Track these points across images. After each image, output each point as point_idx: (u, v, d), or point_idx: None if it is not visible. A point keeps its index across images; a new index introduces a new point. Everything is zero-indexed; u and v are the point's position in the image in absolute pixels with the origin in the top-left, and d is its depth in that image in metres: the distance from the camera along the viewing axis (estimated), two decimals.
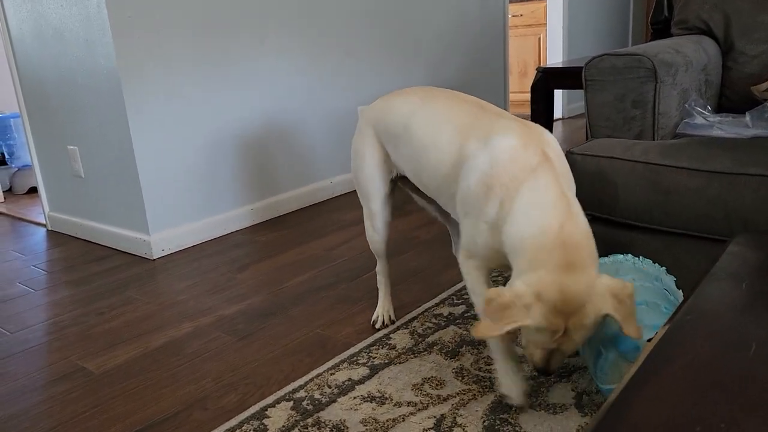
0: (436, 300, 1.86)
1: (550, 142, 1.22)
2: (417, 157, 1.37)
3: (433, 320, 1.74)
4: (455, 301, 1.84)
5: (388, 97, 1.52)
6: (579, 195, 1.46)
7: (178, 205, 2.51)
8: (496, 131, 1.21)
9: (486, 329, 1.06)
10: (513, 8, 5.12)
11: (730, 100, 1.74)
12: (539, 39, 5.09)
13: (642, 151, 1.38)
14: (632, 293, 1.05)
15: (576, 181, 1.45)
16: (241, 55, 2.65)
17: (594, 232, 1.49)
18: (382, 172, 1.56)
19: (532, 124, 1.25)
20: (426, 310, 1.80)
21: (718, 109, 1.75)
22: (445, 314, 1.77)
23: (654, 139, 1.50)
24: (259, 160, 2.79)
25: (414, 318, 1.75)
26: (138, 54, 2.31)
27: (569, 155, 1.47)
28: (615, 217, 1.43)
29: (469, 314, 1.75)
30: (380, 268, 1.73)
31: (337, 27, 3.06)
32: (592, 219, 1.51)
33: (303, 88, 2.94)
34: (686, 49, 1.60)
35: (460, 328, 1.68)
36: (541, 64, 5.09)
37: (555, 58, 4.91)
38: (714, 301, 0.68)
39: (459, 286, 1.93)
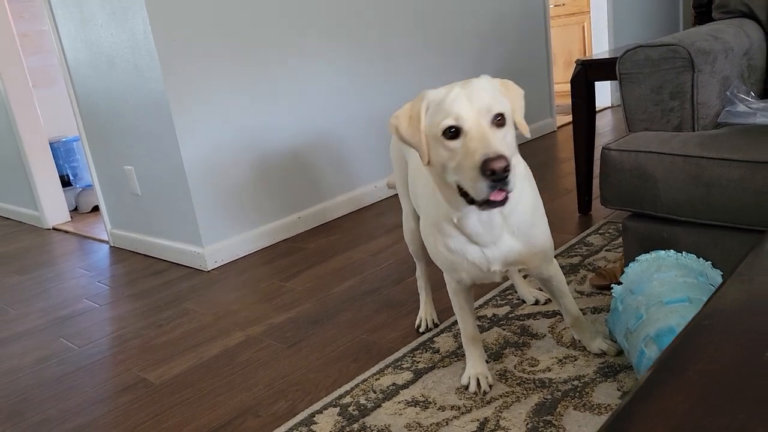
0: (481, 301, 1.86)
1: None
2: (412, 180, 1.43)
3: (478, 322, 1.74)
4: (499, 302, 1.84)
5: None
6: (618, 191, 1.44)
7: (228, 217, 2.59)
8: None
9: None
10: None
11: None
12: (583, 27, 4.98)
13: (681, 143, 1.35)
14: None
15: (614, 177, 1.45)
16: (281, 67, 2.71)
17: (635, 229, 1.47)
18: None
19: None
20: None
21: (764, 95, 1.68)
22: (489, 315, 1.77)
23: (694, 130, 1.46)
24: (304, 169, 2.85)
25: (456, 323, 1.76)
26: (184, 76, 2.40)
27: (605, 151, 1.45)
28: (657, 213, 1.41)
29: (512, 315, 1.75)
30: (419, 272, 1.75)
31: (375, 32, 3.09)
32: (633, 215, 1.49)
33: (344, 95, 2.98)
34: (726, 34, 1.55)
35: (503, 329, 1.68)
36: (587, 53, 4.99)
37: (601, 47, 4.79)
38: (736, 304, 0.67)
39: (504, 286, 1.92)
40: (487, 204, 1.06)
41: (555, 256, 2.09)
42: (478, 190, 1.03)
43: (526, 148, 3.90)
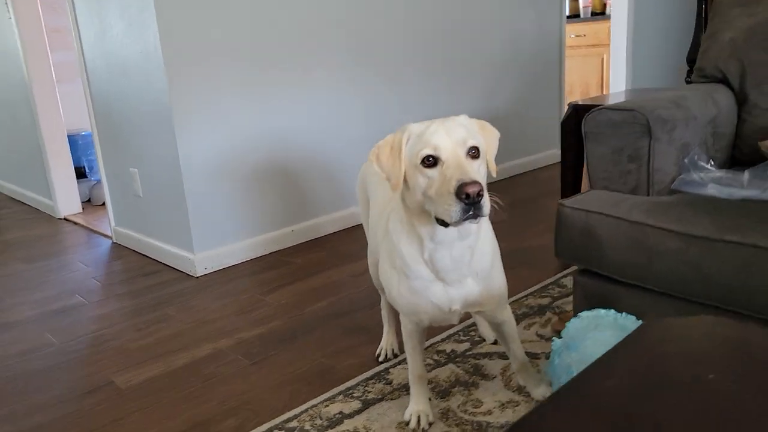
0: (444, 335, 1.91)
1: None
2: (373, 224, 1.49)
3: (435, 356, 1.79)
4: (461, 337, 1.89)
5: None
6: (569, 246, 1.49)
7: (221, 226, 2.68)
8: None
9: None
10: (576, 28, 5.05)
11: (743, 152, 1.69)
12: (602, 60, 4.99)
13: (628, 208, 1.39)
14: None
15: (565, 233, 1.49)
16: (285, 84, 2.80)
17: (584, 284, 1.52)
18: None
19: None
20: (431, 345, 1.86)
21: (731, 162, 1.71)
22: (447, 351, 1.82)
23: (649, 194, 1.50)
24: (301, 185, 2.93)
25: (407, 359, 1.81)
26: (188, 87, 2.50)
27: (560, 206, 1.49)
28: (602, 272, 1.45)
29: (470, 352, 1.79)
30: (383, 302, 1.81)
31: (382, 54, 3.16)
32: (583, 270, 1.53)
33: (345, 116, 3.06)
34: (691, 102, 1.58)
35: (458, 366, 1.73)
36: (603, 86, 4.99)
37: (618, 80, 4.79)
38: (596, 386, 0.72)
39: (469, 322, 1.97)
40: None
41: (527, 295, 2.15)
42: (452, 214, 1.09)
43: (529, 177, 3.94)
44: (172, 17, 2.42)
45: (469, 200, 1.07)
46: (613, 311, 1.39)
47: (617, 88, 4.77)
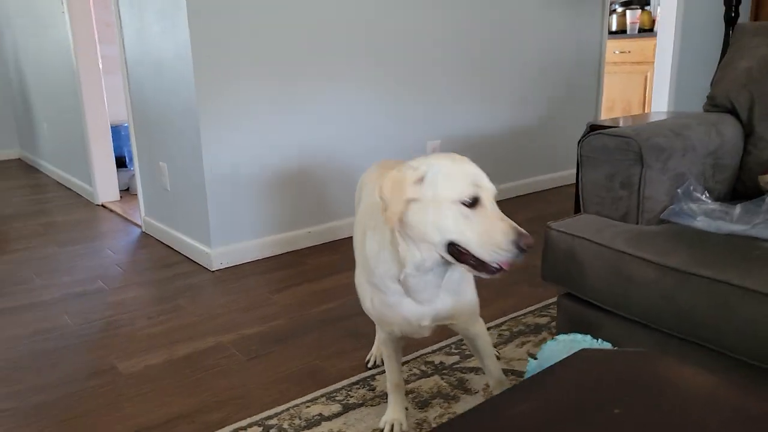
0: (435, 347, 1.93)
1: None
2: (356, 228, 1.52)
3: (422, 367, 1.82)
4: (452, 350, 1.91)
5: (376, 165, 1.64)
6: (554, 268, 1.50)
7: (239, 223, 2.77)
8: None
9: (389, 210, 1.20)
10: (622, 44, 4.97)
11: (746, 185, 1.65)
12: (646, 77, 4.89)
13: (611, 235, 1.39)
14: None
15: (551, 255, 1.50)
16: (309, 91, 2.87)
17: (566, 307, 1.52)
18: None
19: None
20: (421, 356, 1.89)
21: (732, 195, 1.67)
22: (436, 362, 1.85)
23: (638, 222, 1.49)
24: (319, 188, 2.99)
25: (406, 362, 1.85)
26: (214, 88, 2.59)
27: (547, 229, 1.50)
28: (583, 296, 1.45)
29: (458, 366, 1.81)
30: None
31: (410, 65, 3.19)
32: (566, 294, 1.53)
33: (369, 122, 3.10)
34: (692, 131, 1.56)
35: (443, 378, 1.75)
36: (646, 104, 4.90)
37: (660, 99, 4.69)
38: (506, 409, 0.74)
39: (459, 336, 1.98)
40: (487, 269, 1.16)
41: (526, 313, 2.15)
42: (500, 256, 1.13)
43: (554, 193, 3.91)
44: (202, 22, 2.51)
45: (522, 250, 1.12)
46: (589, 336, 1.39)
47: (659, 107, 4.68)
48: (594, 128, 2.32)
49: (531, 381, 0.80)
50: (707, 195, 1.49)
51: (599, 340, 1.39)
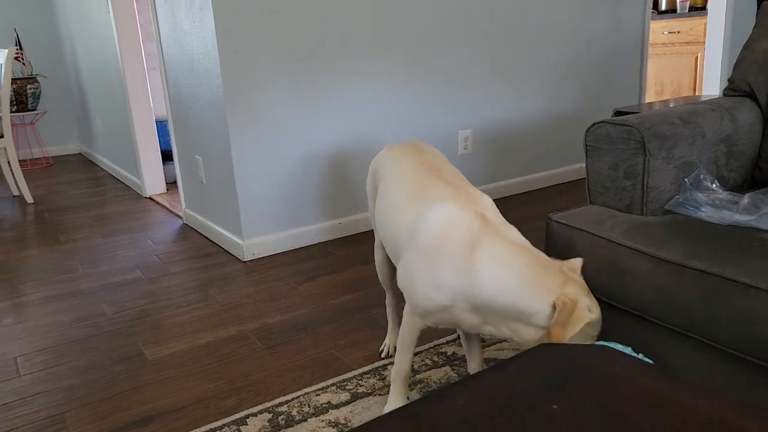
0: (449, 338, 1.94)
1: (487, 205, 1.31)
2: (381, 213, 1.50)
3: (434, 358, 1.84)
4: None
5: (390, 147, 1.65)
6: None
7: (270, 214, 2.84)
8: (438, 199, 1.31)
9: (563, 333, 1.18)
10: (670, 24, 4.78)
11: (764, 173, 1.58)
12: (696, 58, 4.69)
13: (610, 227, 1.36)
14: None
15: (552, 246, 1.48)
16: (335, 82, 2.90)
17: None
18: None
19: (473, 190, 1.35)
20: (433, 347, 1.90)
21: (750, 183, 1.60)
22: (448, 353, 1.86)
23: (643, 212, 1.45)
24: (350, 179, 3.03)
25: (419, 353, 1.87)
26: (241, 83, 2.65)
27: (548, 220, 1.49)
28: None
29: None
30: (387, 300, 1.87)
31: (437, 54, 3.18)
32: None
33: (397, 113, 3.11)
34: (703, 118, 1.50)
35: (453, 369, 1.76)
36: (696, 86, 4.71)
37: (712, 81, 4.50)
38: (442, 405, 0.76)
39: None
40: None
41: None
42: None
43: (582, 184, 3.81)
44: (228, 18, 2.58)
45: None
46: (630, 348, 1.37)
47: (710, 89, 4.49)
48: (618, 114, 2.26)
49: (473, 378, 0.81)
50: (717, 184, 1.44)
51: (640, 354, 1.36)
